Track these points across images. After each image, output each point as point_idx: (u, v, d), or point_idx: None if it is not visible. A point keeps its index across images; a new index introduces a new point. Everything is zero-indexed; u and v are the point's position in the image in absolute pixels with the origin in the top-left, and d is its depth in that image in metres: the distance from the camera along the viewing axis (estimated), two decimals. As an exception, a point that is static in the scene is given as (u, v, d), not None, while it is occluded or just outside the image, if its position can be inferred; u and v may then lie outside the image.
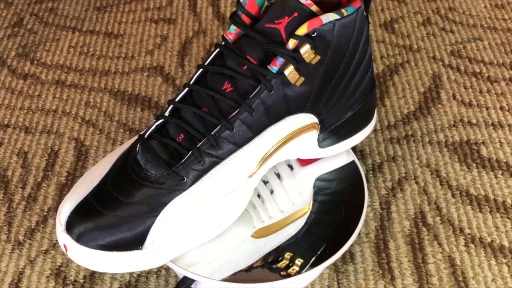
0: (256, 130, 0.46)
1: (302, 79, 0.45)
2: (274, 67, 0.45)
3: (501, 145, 0.62)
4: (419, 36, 0.75)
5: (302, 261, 0.47)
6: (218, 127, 0.45)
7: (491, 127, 0.63)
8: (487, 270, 0.52)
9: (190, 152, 0.44)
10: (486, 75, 0.69)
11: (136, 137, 0.47)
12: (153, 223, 0.44)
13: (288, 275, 0.46)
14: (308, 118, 0.49)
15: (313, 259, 0.48)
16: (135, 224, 0.43)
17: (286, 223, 0.50)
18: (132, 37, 0.76)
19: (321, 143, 0.51)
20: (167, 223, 0.44)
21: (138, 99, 0.67)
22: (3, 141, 0.63)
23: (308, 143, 0.51)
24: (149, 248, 0.44)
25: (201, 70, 0.47)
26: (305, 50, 0.44)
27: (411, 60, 0.71)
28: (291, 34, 0.44)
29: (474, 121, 0.64)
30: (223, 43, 0.47)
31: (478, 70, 0.70)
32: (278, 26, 0.45)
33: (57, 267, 0.53)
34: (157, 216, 0.44)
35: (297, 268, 0.47)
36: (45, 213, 0.57)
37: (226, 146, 0.45)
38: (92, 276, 0.52)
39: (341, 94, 0.49)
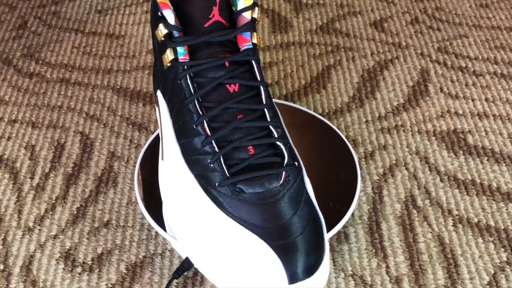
0: (270, 97, 0.48)
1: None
2: (248, 44, 0.47)
3: (486, 134, 0.65)
4: (408, 34, 0.78)
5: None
6: (267, 114, 0.46)
7: (477, 117, 0.67)
8: (474, 248, 0.55)
9: (282, 143, 0.45)
10: (472, 69, 0.73)
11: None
12: (317, 210, 0.46)
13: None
14: None
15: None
16: (315, 223, 0.45)
17: None
18: (133, 37, 0.79)
19: None
20: (315, 202, 0.47)
21: (140, 95, 0.70)
22: (11, 136, 0.66)
23: None
24: (326, 234, 0.47)
25: (196, 100, 0.46)
26: (257, 12, 0.47)
27: (400, 56, 0.75)
28: (238, 11, 0.47)
29: (460, 111, 0.68)
30: (186, 67, 0.46)
31: (464, 65, 0.73)
32: (214, 18, 0.47)
33: (66, 250, 0.55)
34: (313, 203, 0.46)
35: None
36: (54, 201, 0.59)
37: (279, 121, 0.47)
38: (100, 258, 0.54)
39: None
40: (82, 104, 0.69)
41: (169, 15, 0.46)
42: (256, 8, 0.47)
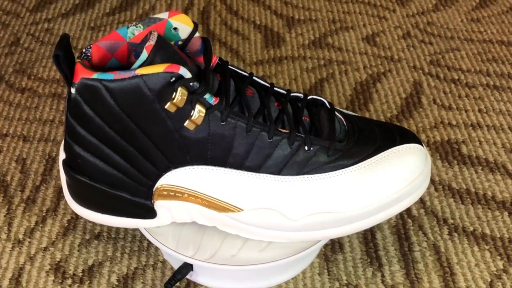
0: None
1: None
2: (217, 57, 0.49)
3: (480, 144, 0.65)
4: (400, 48, 0.78)
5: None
6: (279, 89, 0.50)
7: (470, 128, 0.67)
8: (470, 256, 0.54)
9: (313, 96, 0.51)
10: (464, 81, 0.73)
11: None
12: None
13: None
14: None
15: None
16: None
17: None
18: (125, 53, 0.79)
19: None
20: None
21: (132, 109, 0.70)
22: (2, 149, 0.65)
23: None
24: None
25: (255, 121, 0.47)
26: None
27: (393, 69, 0.75)
28: (188, 37, 0.47)
29: (454, 122, 0.67)
30: (225, 104, 0.46)
31: (456, 77, 0.74)
32: (185, 56, 0.46)
33: (57, 262, 0.54)
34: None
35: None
36: (44, 214, 0.58)
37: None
38: (91, 269, 0.53)
39: None
40: (74, 118, 0.69)
41: (185, 71, 0.43)
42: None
